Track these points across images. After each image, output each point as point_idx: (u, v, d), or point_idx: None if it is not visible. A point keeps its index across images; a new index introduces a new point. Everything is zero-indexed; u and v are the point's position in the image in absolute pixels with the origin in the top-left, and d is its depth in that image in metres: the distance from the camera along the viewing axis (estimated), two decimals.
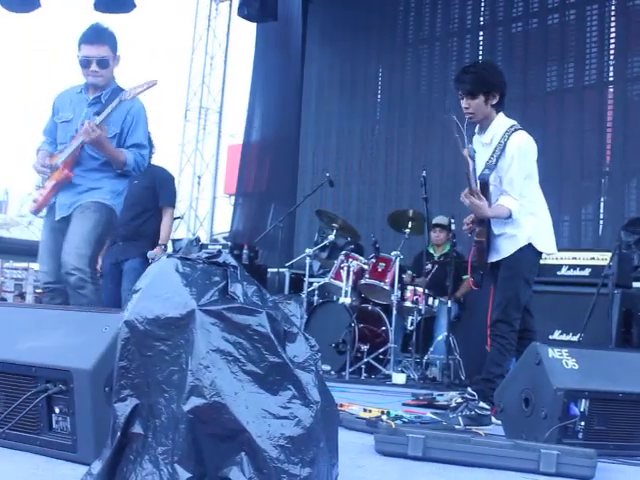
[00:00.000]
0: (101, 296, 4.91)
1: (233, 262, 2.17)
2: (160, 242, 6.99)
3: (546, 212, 4.94)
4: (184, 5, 15.01)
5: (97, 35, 4.90)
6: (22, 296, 18.11)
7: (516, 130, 4.77)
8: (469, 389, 4.86)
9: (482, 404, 4.65)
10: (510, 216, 4.71)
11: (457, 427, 4.40)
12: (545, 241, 4.91)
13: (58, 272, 4.85)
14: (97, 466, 2.09)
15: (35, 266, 20.14)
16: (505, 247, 4.83)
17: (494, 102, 4.82)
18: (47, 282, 4.99)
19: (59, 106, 5.14)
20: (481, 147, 4.92)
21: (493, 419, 4.60)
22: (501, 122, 4.87)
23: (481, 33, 11.05)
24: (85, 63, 4.88)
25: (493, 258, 4.90)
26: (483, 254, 4.87)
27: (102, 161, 4.95)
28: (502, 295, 4.80)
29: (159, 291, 2.10)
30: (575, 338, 6.40)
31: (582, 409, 3.68)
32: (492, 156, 4.74)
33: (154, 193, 7.03)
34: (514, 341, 4.75)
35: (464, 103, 4.83)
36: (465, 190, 4.64)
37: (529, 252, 4.82)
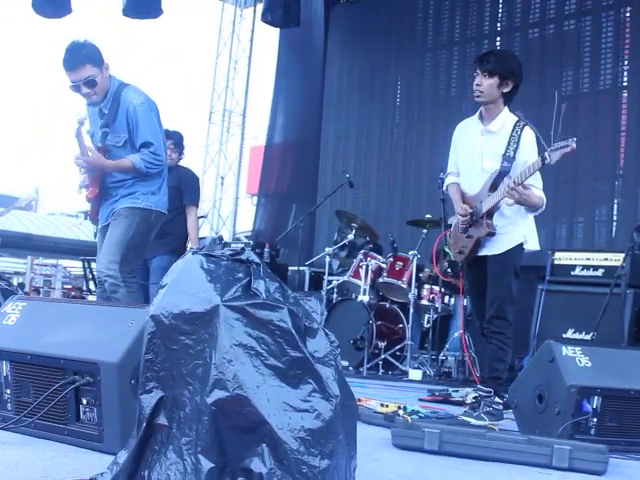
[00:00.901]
0: (135, 296, 4.92)
1: (256, 259, 2.17)
2: (191, 245, 7.01)
3: None
4: (209, 11, 15.09)
5: (73, 59, 4.79)
6: (37, 291, 18.21)
7: (525, 124, 4.74)
8: (480, 386, 4.85)
9: (497, 399, 4.65)
10: (540, 207, 4.69)
11: (481, 423, 4.40)
12: (534, 239, 4.93)
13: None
14: (123, 455, 2.10)
15: (63, 262, 20.29)
16: (497, 243, 4.80)
17: (505, 90, 4.76)
18: (99, 277, 5.07)
19: (88, 116, 5.11)
20: (479, 135, 4.91)
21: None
22: (507, 114, 4.83)
23: (498, 39, 11.02)
24: (75, 89, 4.84)
25: (481, 252, 4.87)
26: (477, 247, 4.86)
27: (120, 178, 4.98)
28: (495, 292, 4.77)
29: (184, 287, 2.10)
30: (588, 337, 6.37)
31: (594, 406, 3.67)
32: (509, 148, 4.69)
33: (179, 193, 7.05)
34: (512, 334, 4.76)
35: (477, 80, 4.78)
36: (512, 184, 4.54)
37: (520, 249, 4.83)
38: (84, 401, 2.97)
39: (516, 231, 4.80)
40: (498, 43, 10.97)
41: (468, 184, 5.00)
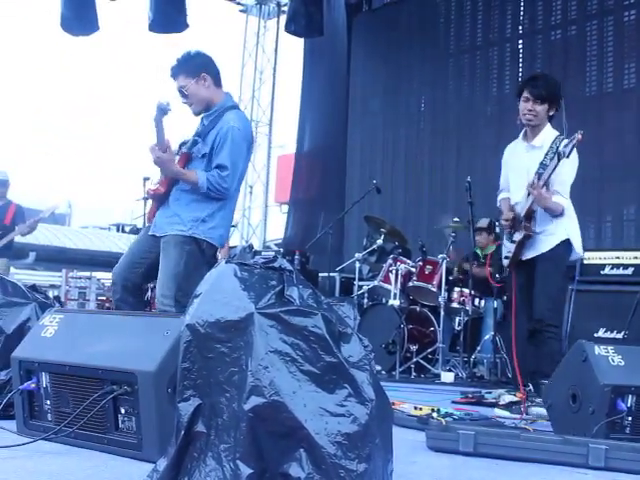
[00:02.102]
0: None
1: (289, 267, 2.18)
2: (221, 256, 7.00)
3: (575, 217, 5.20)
4: (234, 23, 15.14)
5: (172, 70, 4.88)
6: (61, 304, 18.27)
7: (564, 139, 4.98)
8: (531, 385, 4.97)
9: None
10: (562, 212, 4.97)
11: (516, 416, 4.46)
12: (579, 243, 5.15)
13: (123, 271, 4.85)
14: (163, 463, 2.11)
15: (97, 274, 20.41)
16: (544, 243, 5.03)
17: (551, 113, 5.12)
18: (113, 273, 4.96)
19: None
20: (524, 151, 5.22)
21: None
22: (549, 130, 5.15)
23: (520, 41, 10.96)
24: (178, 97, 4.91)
25: (529, 255, 5.08)
26: (521, 251, 5.06)
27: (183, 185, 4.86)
28: (547, 290, 4.96)
29: (219, 295, 2.11)
30: (619, 336, 6.32)
31: (629, 404, 3.63)
32: (546, 157, 4.96)
33: None
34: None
35: (529, 105, 5.07)
36: (532, 182, 4.87)
37: (567, 248, 5.05)
38: (122, 410, 2.98)
39: (560, 230, 5.03)
40: (520, 46, 10.91)
41: (518, 198, 5.24)
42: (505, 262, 5.24)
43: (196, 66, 4.86)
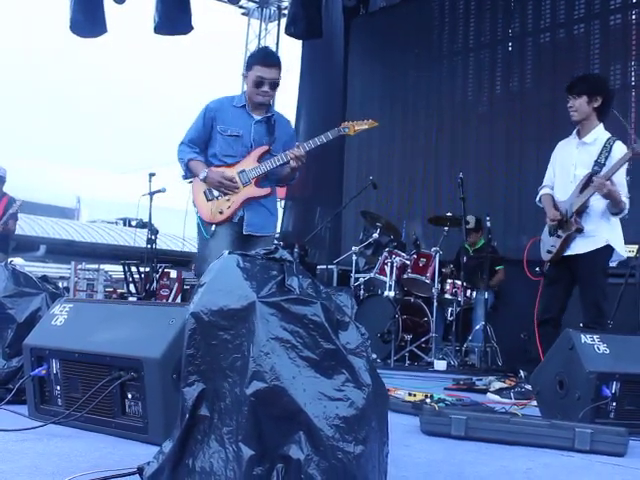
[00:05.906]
0: None
1: (289, 257, 2.18)
2: None
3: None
4: (236, 26, 15.13)
5: (277, 58, 4.93)
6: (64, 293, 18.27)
7: (617, 140, 4.99)
8: None
9: None
10: (622, 209, 4.92)
11: (506, 401, 4.47)
12: (621, 245, 5.07)
13: None
14: (168, 445, 2.11)
15: (105, 267, 20.35)
16: (583, 245, 5.00)
17: (596, 105, 5.01)
18: None
19: (218, 117, 4.90)
20: (575, 148, 5.15)
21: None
22: (603, 130, 5.07)
23: (510, 44, 10.94)
24: (259, 83, 4.81)
25: (567, 252, 5.07)
26: (566, 246, 5.05)
27: (273, 184, 4.98)
28: (591, 295, 4.98)
29: (222, 285, 2.11)
30: None
31: (613, 391, 3.65)
32: (601, 155, 4.90)
33: None
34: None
35: (570, 103, 5.08)
36: (600, 178, 4.79)
37: (606, 251, 5.00)
38: (129, 395, 2.99)
39: (600, 234, 4.98)
40: (510, 48, 10.90)
41: (562, 192, 5.19)
42: (547, 256, 5.17)
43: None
